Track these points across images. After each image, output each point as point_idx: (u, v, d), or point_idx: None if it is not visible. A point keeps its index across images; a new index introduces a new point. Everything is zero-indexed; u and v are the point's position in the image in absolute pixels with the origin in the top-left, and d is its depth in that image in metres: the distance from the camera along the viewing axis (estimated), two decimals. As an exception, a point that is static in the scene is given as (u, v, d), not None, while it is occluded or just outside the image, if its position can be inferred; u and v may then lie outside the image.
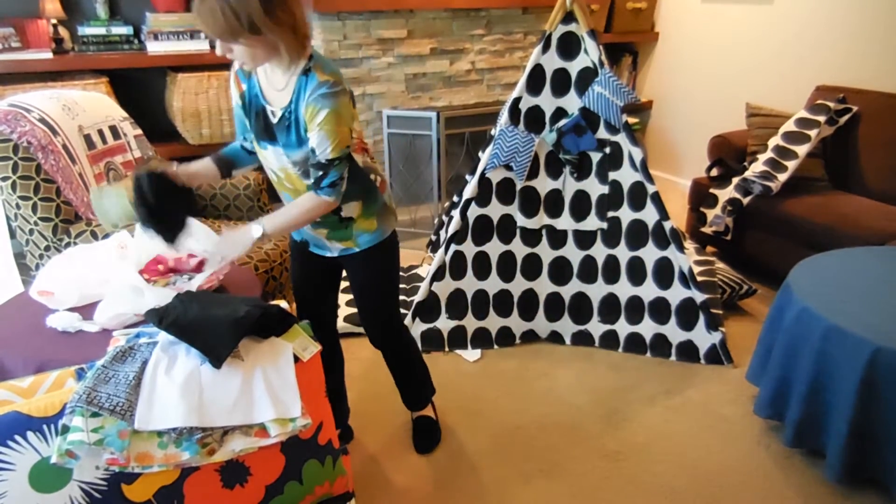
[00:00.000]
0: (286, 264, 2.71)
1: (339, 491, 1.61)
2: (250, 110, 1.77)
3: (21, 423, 1.26)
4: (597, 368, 2.84)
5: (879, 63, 3.72)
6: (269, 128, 1.74)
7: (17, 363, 1.67)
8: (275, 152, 1.77)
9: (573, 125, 2.77)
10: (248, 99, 1.77)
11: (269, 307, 1.55)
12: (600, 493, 2.16)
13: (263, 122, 1.74)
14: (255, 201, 3.09)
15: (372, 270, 2.01)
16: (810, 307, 2.16)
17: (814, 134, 3.48)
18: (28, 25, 3.48)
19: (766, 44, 4.34)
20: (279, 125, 1.71)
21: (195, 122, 3.71)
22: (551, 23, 2.71)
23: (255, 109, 1.75)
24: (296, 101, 1.65)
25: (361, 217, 1.89)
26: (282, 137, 1.72)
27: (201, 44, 3.75)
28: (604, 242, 2.88)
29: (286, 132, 1.70)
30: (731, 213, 3.54)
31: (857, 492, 2.17)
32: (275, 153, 1.77)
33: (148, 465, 1.30)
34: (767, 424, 2.48)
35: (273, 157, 1.79)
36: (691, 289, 2.80)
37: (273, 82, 1.71)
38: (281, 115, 1.69)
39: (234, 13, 1.48)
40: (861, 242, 2.97)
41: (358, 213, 1.88)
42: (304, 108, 1.63)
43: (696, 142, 4.91)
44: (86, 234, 2.44)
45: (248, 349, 1.48)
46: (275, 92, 1.71)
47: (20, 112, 2.47)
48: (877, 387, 1.97)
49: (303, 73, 1.64)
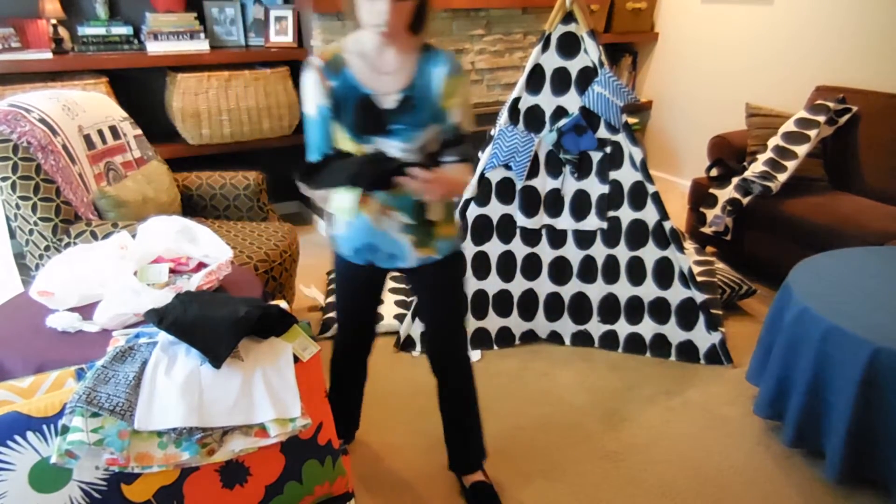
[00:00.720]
0: (286, 264, 2.71)
1: (338, 491, 1.61)
2: (345, 105, 1.63)
3: (21, 423, 1.25)
4: (596, 369, 2.84)
5: (879, 63, 3.72)
6: (380, 117, 1.63)
7: (17, 363, 1.67)
8: (383, 145, 1.65)
9: (573, 125, 2.77)
10: (341, 93, 1.64)
11: (269, 307, 1.55)
12: (600, 494, 2.16)
13: (369, 112, 1.63)
14: (255, 201, 3.09)
15: (449, 279, 1.90)
16: (810, 307, 2.16)
17: (813, 134, 3.49)
18: (28, 25, 3.48)
19: (765, 44, 4.34)
20: (401, 109, 1.62)
21: (195, 123, 3.71)
22: (551, 23, 2.71)
23: (355, 101, 1.63)
24: (422, 77, 1.60)
25: (444, 222, 1.79)
26: (407, 119, 1.62)
27: (201, 44, 3.75)
28: (604, 242, 2.88)
29: (413, 113, 1.61)
30: (730, 214, 3.54)
31: (856, 491, 2.17)
32: (383, 146, 1.65)
33: (148, 465, 1.30)
34: (767, 425, 2.49)
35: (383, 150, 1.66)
36: (691, 289, 2.80)
37: (380, 66, 1.62)
38: (402, 98, 1.61)
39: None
40: (861, 242, 2.97)
41: (441, 216, 1.78)
42: (446, 80, 1.60)
43: (696, 142, 4.91)
44: (86, 234, 2.44)
45: (248, 349, 1.48)
46: (382, 77, 1.62)
47: (20, 112, 2.47)
48: (877, 387, 1.97)
49: (423, 49, 1.61)
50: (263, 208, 3.13)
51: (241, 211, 3.08)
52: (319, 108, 1.65)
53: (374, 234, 1.77)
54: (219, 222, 2.91)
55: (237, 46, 3.98)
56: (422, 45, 1.62)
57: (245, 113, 3.81)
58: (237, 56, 3.85)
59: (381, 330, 3.05)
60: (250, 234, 2.77)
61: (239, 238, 2.71)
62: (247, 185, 3.06)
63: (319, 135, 1.67)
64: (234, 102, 3.76)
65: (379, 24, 1.53)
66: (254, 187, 3.07)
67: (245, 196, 3.07)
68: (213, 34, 3.90)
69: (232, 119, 3.78)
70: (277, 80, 3.87)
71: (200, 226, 2.12)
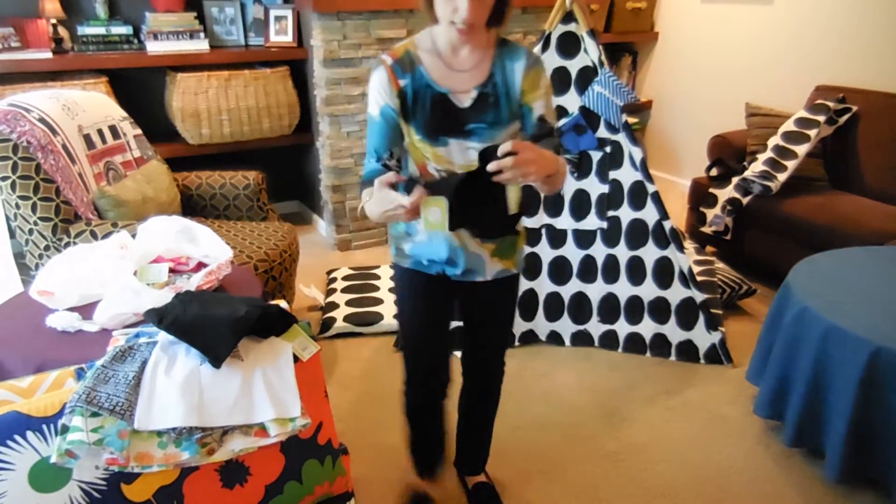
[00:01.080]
0: (286, 264, 2.71)
1: (338, 491, 1.61)
2: (419, 105, 1.55)
3: (21, 423, 1.25)
4: (596, 368, 2.84)
5: (879, 63, 3.72)
6: (457, 117, 1.55)
7: (17, 363, 1.67)
8: (459, 146, 1.57)
9: (573, 124, 2.77)
10: (413, 92, 1.55)
11: (269, 307, 1.54)
12: (600, 493, 2.16)
13: (445, 112, 1.55)
14: (255, 201, 3.09)
15: (513, 295, 1.82)
16: (810, 307, 2.16)
17: (813, 134, 3.49)
18: (27, 25, 3.48)
19: (765, 44, 4.34)
20: (478, 106, 1.54)
21: (195, 122, 3.71)
22: (551, 22, 2.71)
23: (430, 101, 1.55)
24: (500, 73, 1.53)
25: (522, 233, 1.73)
26: (485, 118, 1.54)
27: (201, 44, 3.75)
28: (604, 242, 2.88)
29: (491, 111, 1.54)
30: (730, 213, 3.54)
31: (856, 491, 2.17)
32: (459, 147, 1.57)
33: (147, 464, 1.30)
34: (767, 424, 2.49)
35: (457, 152, 1.57)
36: (691, 288, 2.80)
37: (455, 63, 1.55)
38: (479, 94, 1.54)
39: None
40: (860, 242, 2.97)
41: (521, 226, 1.73)
42: (525, 74, 1.53)
43: (696, 141, 4.91)
44: (85, 233, 2.44)
45: (247, 349, 1.48)
46: (458, 74, 1.54)
47: (20, 112, 2.47)
48: (876, 386, 1.97)
49: (499, 44, 1.55)
50: (263, 208, 3.13)
51: (241, 210, 3.08)
52: (382, 109, 1.55)
53: (454, 249, 1.67)
54: (218, 222, 2.91)
55: (237, 46, 3.98)
56: (498, 39, 1.56)
57: (245, 112, 3.81)
58: (237, 56, 3.85)
59: (381, 330, 3.05)
60: (250, 233, 2.77)
61: (239, 238, 2.71)
62: (246, 185, 3.06)
63: (379, 137, 1.56)
64: (234, 102, 3.76)
65: (458, 21, 1.44)
66: (253, 187, 3.07)
67: (245, 196, 3.06)
68: (212, 34, 3.90)
69: (232, 119, 3.78)
70: (277, 80, 3.87)
71: (200, 225, 2.12)
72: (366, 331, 3.04)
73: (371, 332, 3.04)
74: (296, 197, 4.68)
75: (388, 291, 3.35)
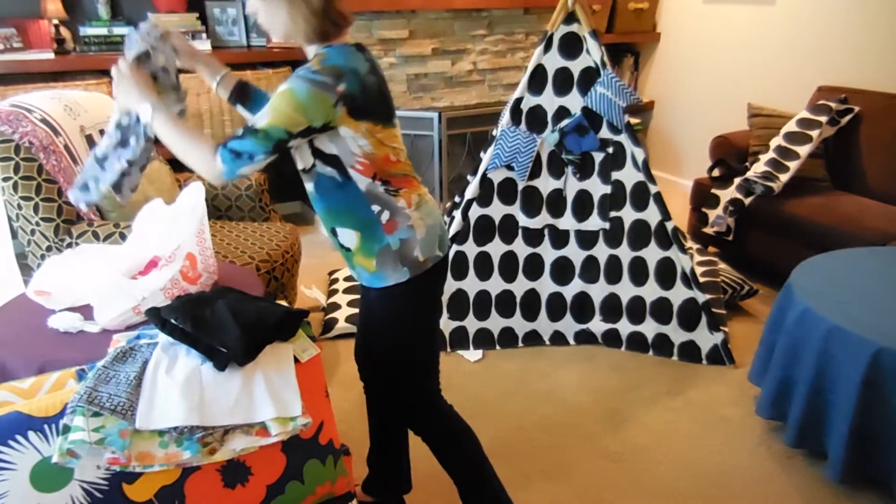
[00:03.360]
0: (288, 265, 2.71)
1: (340, 491, 1.61)
2: None
3: (22, 423, 1.26)
4: (598, 369, 2.84)
5: (881, 63, 3.72)
6: None
7: (19, 364, 1.67)
8: None
9: (575, 125, 2.77)
10: None
11: (293, 311, 1.59)
12: (602, 494, 2.16)
13: None
14: (257, 202, 3.09)
15: (375, 314, 1.71)
16: (812, 307, 2.16)
17: (815, 134, 3.48)
18: (30, 26, 3.49)
19: (767, 44, 4.33)
20: None
21: (197, 123, 3.71)
22: (553, 23, 2.71)
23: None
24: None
25: (360, 252, 1.62)
26: None
27: (203, 44, 3.75)
28: (606, 242, 2.88)
29: None
30: (732, 214, 3.54)
31: (858, 492, 2.16)
32: None
33: (149, 464, 1.30)
34: (769, 425, 2.48)
35: None
36: (693, 289, 2.80)
37: None
38: None
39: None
40: (862, 243, 2.97)
41: (355, 245, 1.61)
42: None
43: (698, 142, 4.91)
44: (87, 234, 2.44)
45: (249, 349, 1.48)
46: None
47: (22, 112, 2.47)
48: (879, 387, 1.96)
49: (307, 61, 1.51)
50: (265, 209, 3.13)
51: (243, 211, 3.08)
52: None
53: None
54: (221, 222, 2.91)
55: (239, 47, 3.98)
56: (315, 52, 1.53)
57: (247, 113, 3.81)
58: (239, 56, 3.85)
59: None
60: (252, 234, 2.77)
61: (241, 238, 2.71)
62: (248, 186, 3.06)
63: None
64: (236, 103, 3.76)
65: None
66: (255, 188, 3.07)
67: (247, 196, 3.07)
68: (214, 34, 3.91)
69: (234, 119, 3.79)
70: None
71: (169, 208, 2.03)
72: (367, 331, 3.04)
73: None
74: (298, 198, 4.68)
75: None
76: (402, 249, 1.60)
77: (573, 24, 2.70)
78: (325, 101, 1.43)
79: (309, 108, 1.42)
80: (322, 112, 1.44)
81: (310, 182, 1.58)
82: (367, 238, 1.59)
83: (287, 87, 1.43)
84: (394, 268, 1.60)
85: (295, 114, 1.42)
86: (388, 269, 1.60)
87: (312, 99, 1.42)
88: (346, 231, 1.61)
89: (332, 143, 1.50)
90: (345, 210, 1.58)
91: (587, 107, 2.74)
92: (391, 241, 1.59)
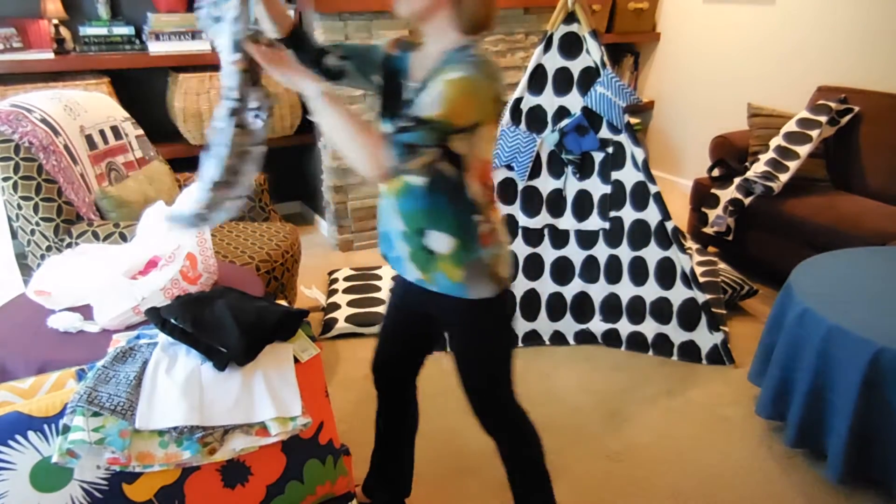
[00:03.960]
0: (288, 265, 2.71)
1: (340, 491, 1.61)
2: (385, 80, 1.54)
3: (22, 423, 1.26)
4: (598, 369, 2.84)
5: (881, 63, 3.72)
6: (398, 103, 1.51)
7: (19, 364, 1.67)
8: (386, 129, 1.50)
9: (575, 125, 2.77)
10: (392, 68, 1.54)
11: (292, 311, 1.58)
12: (602, 494, 2.16)
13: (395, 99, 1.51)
14: (257, 202, 3.10)
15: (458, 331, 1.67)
16: (812, 308, 2.16)
17: (815, 134, 3.48)
18: (29, 26, 3.48)
19: (767, 44, 4.33)
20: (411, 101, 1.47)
21: (196, 123, 3.71)
22: (553, 23, 2.71)
23: (393, 84, 1.53)
24: (435, 70, 1.40)
25: (449, 259, 1.51)
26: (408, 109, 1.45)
27: (202, 44, 3.75)
28: (606, 242, 2.88)
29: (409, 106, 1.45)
30: (732, 214, 3.54)
31: (858, 492, 2.16)
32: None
33: (149, 464, 1.30)
34: (769, 425, 2.48)
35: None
36: (693, 289, 2.80)
37: (424, 63, 1.48)
38: (417, 89, 1.46)
39: None
40: (862, 243, 2.97)
41: (447, 251, 1.51)
42: (435, 74, 1.37)
43: (698, 142, 4.91)
44: (87, 234, 2.44)
45: (249, 349, 1.48)
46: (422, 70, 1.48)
47: (22, 112, 2.47)
48: (878, 387, 1.96)
49: (458, 49, 1.41)
50: (265, 208, 3.13)
51: (243, 211, 3.08)
52: (370, 48, 1.57)
53: (381, 221, 1.61)
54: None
55: (239, 47, 3.97)
56: (460, 45, 1.42)
57: (247, 113, 3.80)
58: (239, 56, 3.84)
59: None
60: (252, 234, 2.77)
61: (241, 238, 2.71)
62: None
63: (355, 47, 1.59)
64: (236, 103, 3.76)
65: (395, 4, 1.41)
66: (255, 188, 3.07)
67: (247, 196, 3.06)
68: (214, 34, 3.90)
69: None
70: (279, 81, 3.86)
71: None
72: (367, 331, 3.04)
73: (373, 333, 3.04)
74: (298, 197, 4.68)
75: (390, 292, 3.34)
76: (494, 264, 1.54)
77: (573, 24, 2.70)
78: (488, 97, 1.37)
79: (479, 103, 1.35)
80: (485, 109, 1.38)
81: (421, 176, 1.46)
82: (462, 246, 1.50)
83: (459, 77, 1.31)
84: (483, 281, 1.54)
85: (467, 107, 1.33)
86: (476, 282, 1.53)
87: (482, 93, 1.35)
88: (440, 235, 1.50)
89: (467, 141, 1.41)
90: (449, 213, 1.48)
91: (587, 107, 2.74)
92: (485, 253, 1.52)
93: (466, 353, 1.69)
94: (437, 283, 1.55)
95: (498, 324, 1.66)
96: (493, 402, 1.74)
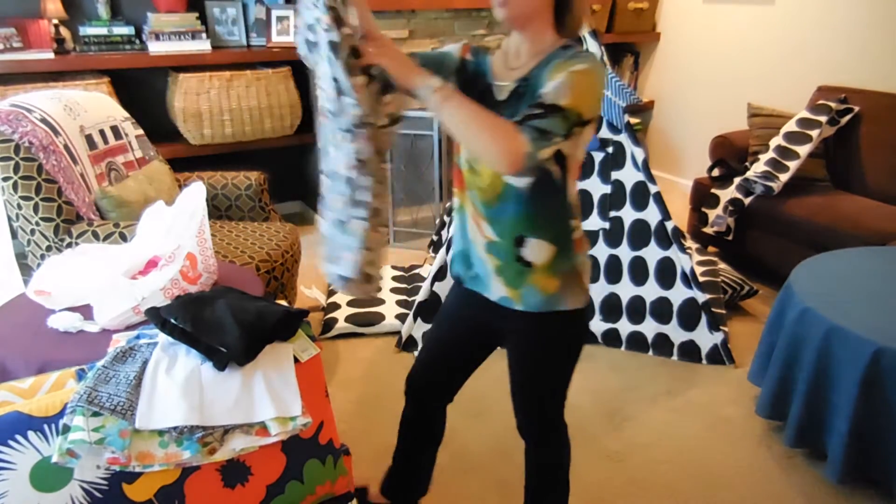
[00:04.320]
0: (287, 264, 2.71)
1: (340, 491, 1.61)
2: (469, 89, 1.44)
3: (22, 423, 1.26)
4: (598, 369, 2.83)
5: (881, 63, 3.72)
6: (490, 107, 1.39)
7: (19, 364, 1.67)
8: None
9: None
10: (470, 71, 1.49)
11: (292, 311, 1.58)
12: (602, 494, 2.16)
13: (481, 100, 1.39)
14: (257, 201, 3.09)
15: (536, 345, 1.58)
16: (811, 307, 2.16)
17: (815, 134, 3.48)
18: (29, 26, 3.48)
19: (767, 44, 4.33)
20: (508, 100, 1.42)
21: (196, 123, 3.71)
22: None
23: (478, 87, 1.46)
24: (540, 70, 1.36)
25: (546, 270, 1.44)
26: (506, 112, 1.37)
27: (203, 44, 3.75)
28: (606, 242, 2.88)
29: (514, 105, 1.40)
30: (732, 214, 3.54)
31: (858, 492, 2.16)
32: None
33: (149, 464, 1.30)
34: (769, 425, 2.48)
35: None
36: (693, 289, 2.80)
37: (510, 61, 1.45)
38: (513, 88, 1.41)
39: None
40: (862, 243, 2.97)
41: (545, 261, 1.44)
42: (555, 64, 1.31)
43: (698, 142, 4.90)
44: (87, 234, 2.44)
45: (249, 349, 1.48)
46: (508, 70, 1.45)
47: (21, 112, 2.47)
48: (878, 387, 1.96)
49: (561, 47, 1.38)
50: (265, 208, 3.13)
51: (243, 211, 3.08)
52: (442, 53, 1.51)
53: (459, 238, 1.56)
54: (220, 222, 2.91)
55: (239, 46, 3.98)
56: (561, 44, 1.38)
57: (247, 113, 3.81)
58: (239, 56, 3.85)
59: (383, 330, 3.05)
60: (252, 234, 2.77)
61: (241, 238, 2.71)
62: (248, 186, 3.06)
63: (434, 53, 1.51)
64: (236, 102, 3.76)
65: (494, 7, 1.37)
66: (255, 187, 3.07)
67: (247, 196, 3.07)
68: (214, 34, 3.90)
69: (233, 119, 3.79)
70: (279, 80, 3.87)
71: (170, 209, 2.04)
72: (367, 331, 3.04)
73: (373, 333, 3.04)
74: (298, 197, 4.68)
75: (390, 292, 3.35)
76: (584, 272, 1.49)
77: (573, 24, 2.70)
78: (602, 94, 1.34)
79: (599, 97, 1.32)
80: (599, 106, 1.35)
81: (527, 178, 1.39)
82: (560, 254, 1.45)
83: (585, 68, 1.28)
84: (575, 291, 1.48)
85: (592, 99, 1.30)
86: (569, 292, 1.47)
87: (600, 88, 1.32)
88: (540, 243, 1.43)
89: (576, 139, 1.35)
90: (551, 218, 1.43)
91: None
92: (577, 261, 1.47)
93: (540, 363, 1.62)
94: (524, 300, 1.48)
95: (580, 335, 1.62)
96: (550, 411, 1.71)
